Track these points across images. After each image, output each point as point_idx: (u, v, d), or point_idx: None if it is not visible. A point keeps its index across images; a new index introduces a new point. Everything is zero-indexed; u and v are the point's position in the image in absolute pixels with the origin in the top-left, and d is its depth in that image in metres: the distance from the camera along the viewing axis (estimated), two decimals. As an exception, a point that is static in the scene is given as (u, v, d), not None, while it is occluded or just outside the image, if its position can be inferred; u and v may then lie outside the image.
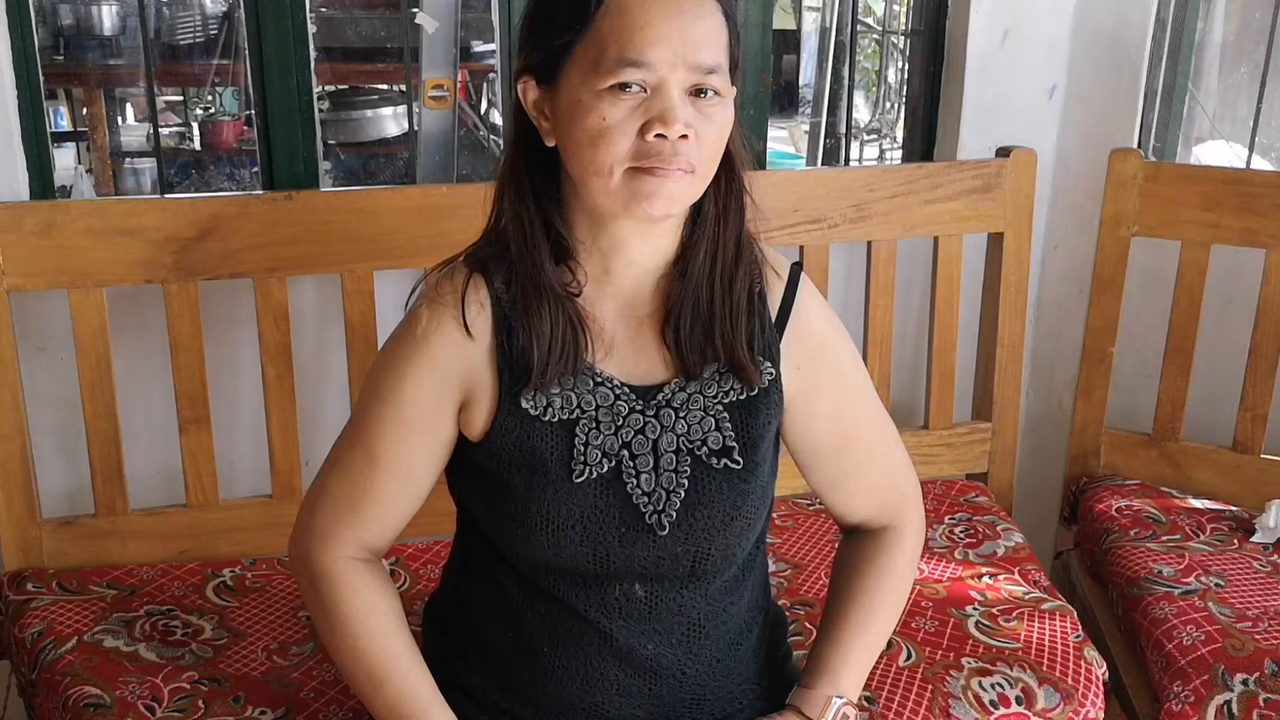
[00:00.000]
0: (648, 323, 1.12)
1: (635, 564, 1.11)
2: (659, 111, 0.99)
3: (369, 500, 1.14)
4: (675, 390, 1.11)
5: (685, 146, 1.00)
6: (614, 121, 0.99)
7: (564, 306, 1.08)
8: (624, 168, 1.01)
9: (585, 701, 1.14)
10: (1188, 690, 1.47)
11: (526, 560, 1.12)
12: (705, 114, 1.01)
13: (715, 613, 1.16)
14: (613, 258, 1.10)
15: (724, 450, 1.11)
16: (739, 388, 1.12)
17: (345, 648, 1.13)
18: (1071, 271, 2.11)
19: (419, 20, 2.22)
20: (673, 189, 1.01)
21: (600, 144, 1.00)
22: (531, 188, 1.08)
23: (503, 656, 1.17)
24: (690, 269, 1.10)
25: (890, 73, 4.55)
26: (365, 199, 1.66)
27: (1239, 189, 1.86)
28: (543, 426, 1.09)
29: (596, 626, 1.12)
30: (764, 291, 1.15)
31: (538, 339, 1.07)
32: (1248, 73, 2.54)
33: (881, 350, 1.89)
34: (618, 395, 1.10)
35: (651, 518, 1.09)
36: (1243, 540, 1.77)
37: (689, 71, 1.00)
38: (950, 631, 1.51)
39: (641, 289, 1.12)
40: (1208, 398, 1.98)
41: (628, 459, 1.10)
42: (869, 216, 1.83)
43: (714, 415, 1.12)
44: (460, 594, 1.23)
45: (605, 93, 0.99)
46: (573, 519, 1.09)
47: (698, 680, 1.16)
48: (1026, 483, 2.11)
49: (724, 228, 1.10)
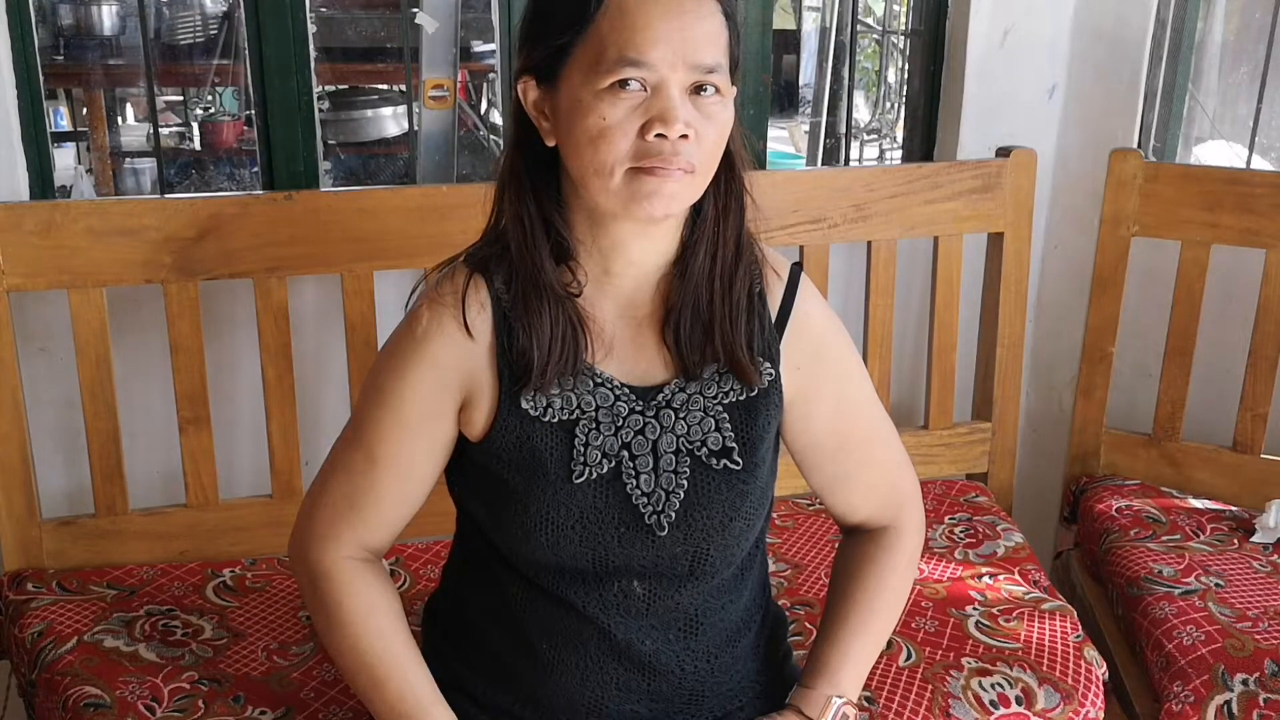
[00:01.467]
0: (648, 323, 1.12)
1: (634, 563, 1.11)
2: (659, 111, 0.99)
3: (369, 500, 1.14)
4: (675, 391, 1.11)
5: (685, 146, 1.00)
6: (614, 121, 0.99)
7: (564, 306, 1.07)
8: (624, 168, 1.00)
9: (585, 698, 1.14)
10: (1188, 690, 1.47)
11: (526, 560, 1.12)
12: (705, 113, 1.01)
13: (713, 610, 1.16)
14: (613, 258, 1.09)
15: (724, 451, 1.11)
16: (739, 388, 1.12)
17: (345, 648, 1.13)
18: (1071, 271, 2.11)
19: (419, 20, 2.22)
20: (673, 189, 1.01)
21: (600, 144, 1.00)
22: (532, 188, 1.08)
23: (502, 655, 1.17)
24: (690, 269, 1.10)
25: (890, 73, 4.55)
26: (365, 199, 1.66)
27: (1239, 189, 1.87)
28: (543, 427, 1.09)
29: (594, 623, 1.12)
30: (764, 292, 1.15)
31: (538, 339, 1.07)
32: (1248, 73, 2.54)
33: (881, 350, 1.89)
34: (618, 396, 1.10)
35: (651, 518, 1.10)
36: (1243, 540, 1.77)
37: (689, 71, 1.00)
38: (950, 631, 1.51)
39: (642, 289, 1.12)
40: (1208, 398, 1.98)
41: (627, 459, 1.10)
42: (869, 216, 1.83)
43: (714, 416, 1.12)
44: (459, 594, 1.23)
45: (605, 92, 0.99)
46: (572, 519, 1.09)
47: (696, 676, 1.16)
48: (1026, 483, 2.11)
49: (724, 227, 1.10)
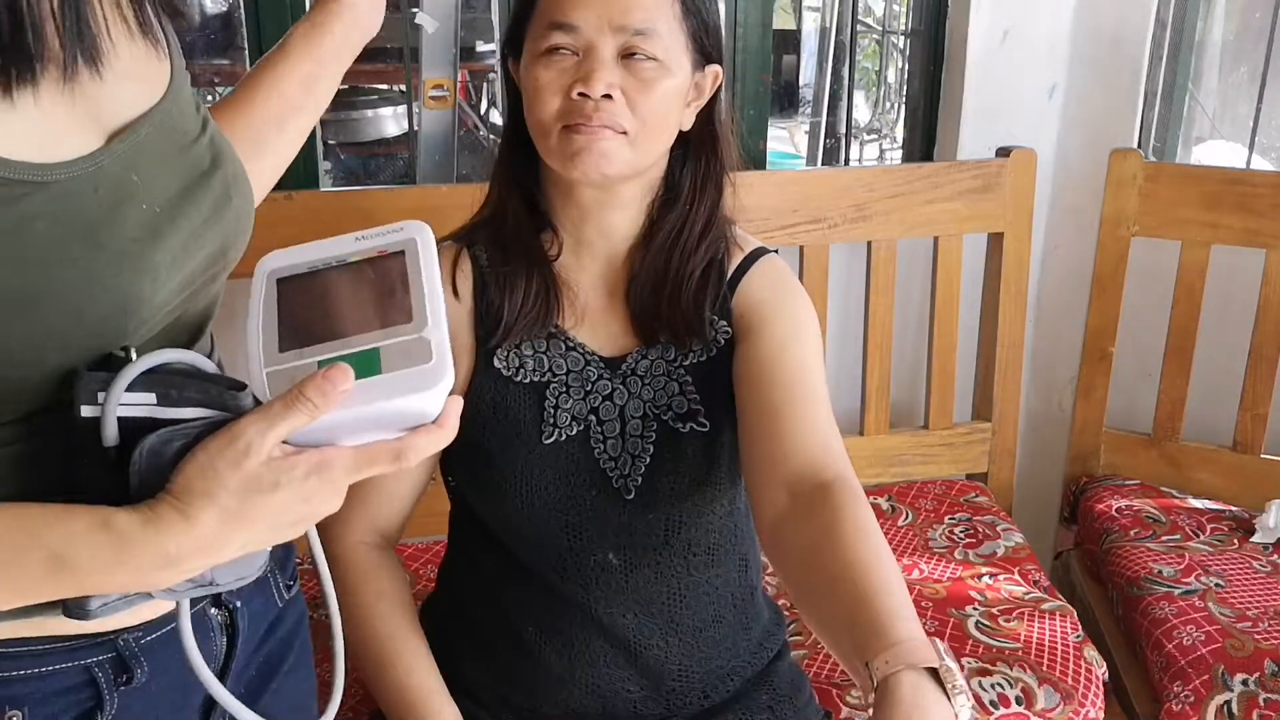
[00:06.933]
0: (617, 292, 1.16)
1: (608, 531, 1.13)
2: (584, 72, 1.04)
3: (373, 480, 1.14)
4: (639, 358, 1.14)
5: (610, 106, 1.04)
6: (545, 82, 1.05)
7: (539, 269, 1.13)
8: (558, 127, 1.05)
9: (576, 679, 1.15)
10: (1188, 690, 1.47)
11: (506, 530, 1.14)
12: (639, 76, 1.05)
13: (695, 584, 1.17)
14: (583, 227, 1.14)
15: (689, 414, 1.13)
16: (698, 349, 1.14)
17: (353, 634, 1.14)
18: (1071, 271, 2.11)
19: (419, 20, 2.22)
20: (603, 147, 1.04)
21: (536, 103, 1.06)
22: (521, 160, 1.14)
23: (493, 645, 1.18)
24: (654, 240, 1.14)
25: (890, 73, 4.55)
26: (365, 199, 1.67)
27: (1239, 189, 1.87)
28: (516, 388, 1.12)
29: (575, 601, 1.14)
30: (725, 260, 1.17)
31: (510, 294, 1.12)
32: (1248, 73, 2.54)
33: (881, 350, 1.89)
34: (587, 361, 1.14)
35: (618, 482, 1.12)
36: (1243, 540, 1.77)
37: (615, 33, 1.04)
38: (950, 631, 1.51)
39: (614, 260, 1.16)
40: (1208, 398, 1.98)
41: (595, 424, 1.13)
42: (869, 216, 1.83)
43: (677, 380, 1.14)
44: (451, 588, 1.25)
45: (541, 56, 1.06)
46: (545, 481, 1.11)
47: (681, 651, 1.17)
48: (1026, 483, 2.11)
49: (696, 206, 1.14)
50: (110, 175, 0.71)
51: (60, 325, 0.67)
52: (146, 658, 0.78)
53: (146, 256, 0.72)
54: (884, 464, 1.94)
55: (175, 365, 0.71)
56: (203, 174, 0.79)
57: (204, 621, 0.83)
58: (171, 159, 0.77)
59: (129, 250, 0.71)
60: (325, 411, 0.65)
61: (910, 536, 1.80)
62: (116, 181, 0.71)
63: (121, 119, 0.74)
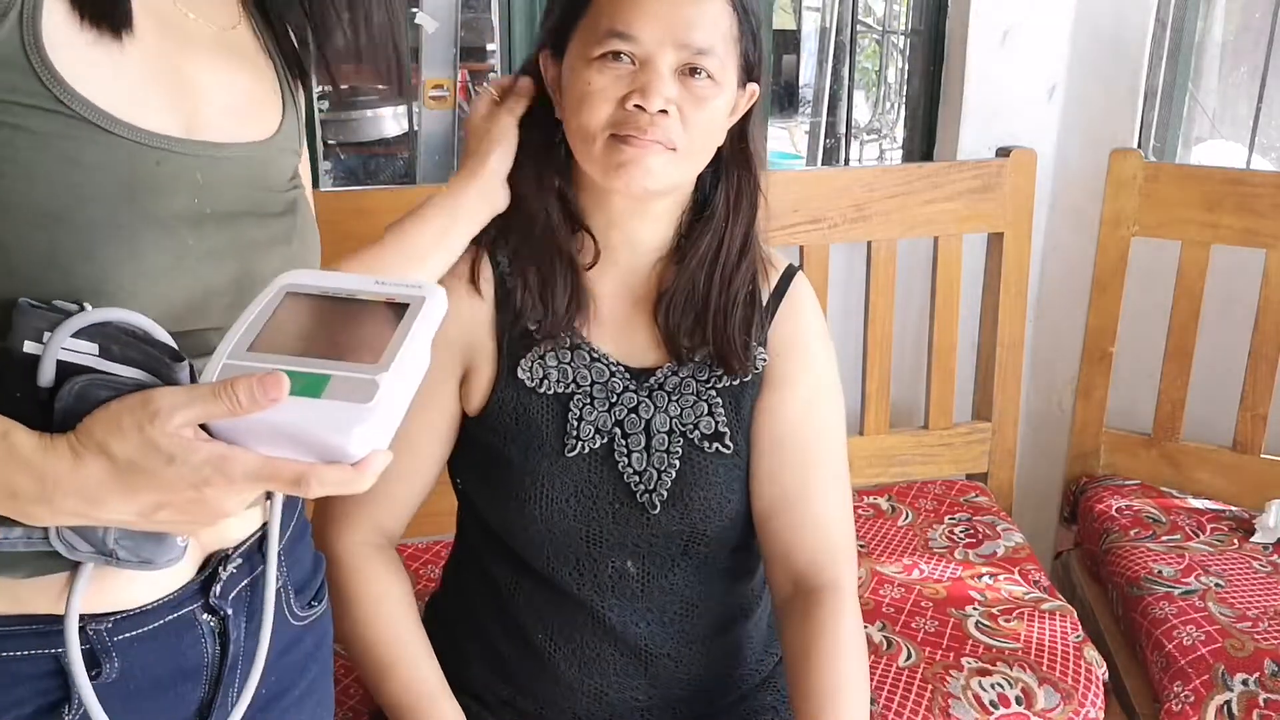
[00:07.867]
0: (642, 305, 1.14)
1: (628, 540, 1.12)
2: (642, 84, 1.01)
3: (379, 479, 1.14)
4: (668, 374, 1.13)
5: (665, 121, 1.02)
6: (598, 88, 1.02)
7: (568, 273, 1.11)
8: (605, 135, 1.03)
9: (585, 687, 1.15)
10: (1188, 690, 1.47)
11: (522, 539, 1.13)
12: (695, 95, 1.03)
13: (709, 593, 1.16)
14: (611, 234, 1.12)
15: (715, 435, 1.12)
16: (734, 375, 1.13)
17: (356, 635, 1.14)
18: (1071, 271, 2.11)
19: (419, 20, 2.22)
20: (650, 163, 1.02)
21: (584, 108, 1.03)
22: (549, 160, 1.11)
23: (501, 649, 1.17)
24: (689, 257, 1.11)
25: (890, 73, 4.54)
26: (365, 199, 1.66)
27: (1239, 189, 1.87)
28: (539, 399, 1.11)
29: (588, 607, 1.13)
30: (759, 285, 1.16)
31: (538, 299, 1.10)
32: (1248, 73, 2.54)
33: (881, 350, 1.89)
34: (612, 372, 1.12)
35: (643, 496, 1.11)
36: (1243, 540, 1.77)
37: (678, 50, 1.01)
38: (950, 631, 1.51)
39: (638, 271, 1.14)
40: (1208, 398, 1.98)
41: (620, 437, 1.11)
42: (869, 216, 1.83)
43: (706, 400, 1.13)
44: (458, 590, 1.24)
45: (595, 61, 1.02)
46: (566, 492, 1.10)
47: (691, 660, 1.17)
48: (1026, 483, 2.10)
49: (732, 223, 1.12)
50: (177, 161, 0.77)
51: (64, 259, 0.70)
52: (119, 654, 0.78)
53: (179, 236, 0.75)
54: (884, 464, 1.94)
55: (125, 324, 0.71)
56: (269, 213, 0.84)
57: (194, 625, 0.83)
58: (242, 186, 0.82)
59: (164, 221, 0.75)
60: (248, 412, 0.65)
61: (910, 536, 1.80)
62: (180, 168, 0.77)
63: (211, 136, 0.80)
